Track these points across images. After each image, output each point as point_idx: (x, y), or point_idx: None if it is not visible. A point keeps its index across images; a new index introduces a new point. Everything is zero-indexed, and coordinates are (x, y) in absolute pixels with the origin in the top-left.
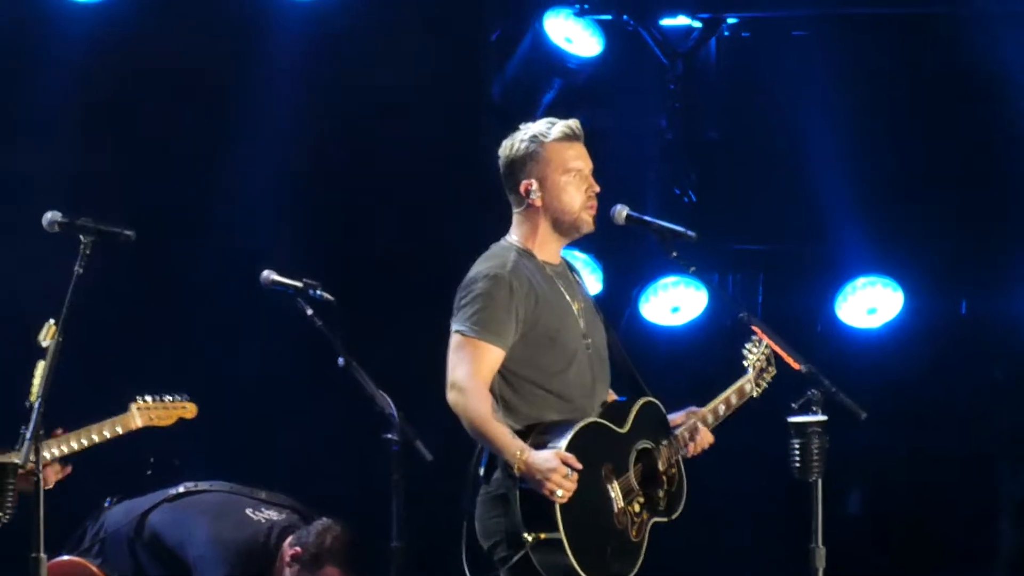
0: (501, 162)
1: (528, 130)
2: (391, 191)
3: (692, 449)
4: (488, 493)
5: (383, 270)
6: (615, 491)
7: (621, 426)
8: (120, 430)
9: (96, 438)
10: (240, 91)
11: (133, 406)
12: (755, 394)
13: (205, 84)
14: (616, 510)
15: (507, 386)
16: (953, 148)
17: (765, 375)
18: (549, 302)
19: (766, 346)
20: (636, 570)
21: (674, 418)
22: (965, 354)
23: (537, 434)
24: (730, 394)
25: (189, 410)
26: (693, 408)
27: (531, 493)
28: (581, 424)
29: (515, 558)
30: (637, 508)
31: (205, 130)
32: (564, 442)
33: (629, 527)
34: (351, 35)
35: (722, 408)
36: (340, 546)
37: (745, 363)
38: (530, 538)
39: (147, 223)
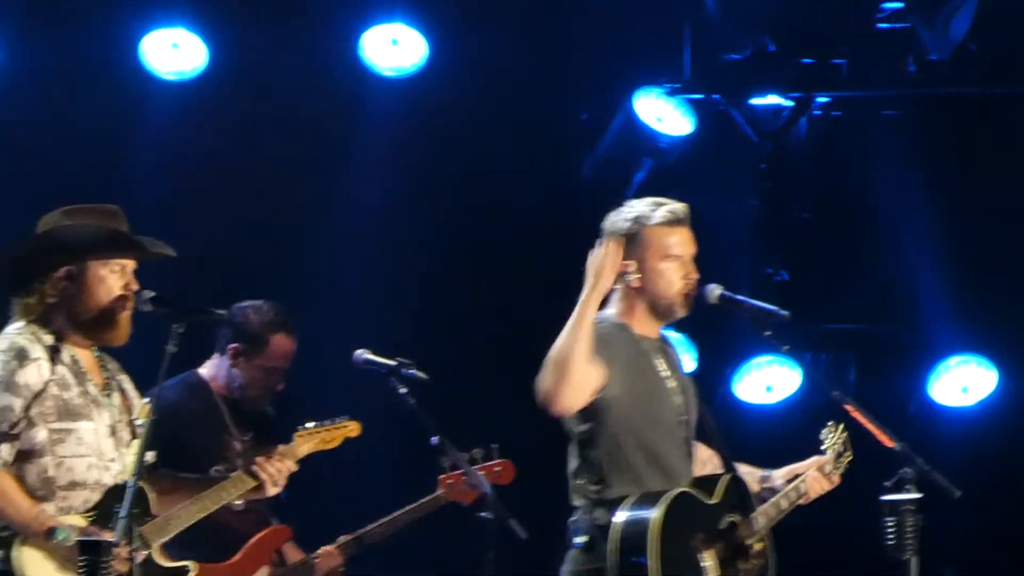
0: (604, 237)
1: (632, 210)
2: (485, 269)
3: (812, 493)
4: (584, 566)
5: (477, 349)
6: (706, 561)
7: (710, 498)
8: (291, 463)
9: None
10: (337, 168)
11: (296, 435)
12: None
13: (302, 159)
14: None
15: (607, 456)
16: None
17: (843, 459)
18: (642, 374)
19: (843, 430)
20: None
21: (797, 467)
22: None
23: (633, 503)
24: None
25: (353, 428)
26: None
27: (631, 568)
28: (674, 493)
29: None
30: None
31: (301, 207)
32: (658, 511)
33: None
34: (445, 113)
35: (798, 489)
36: (272, 315)
37: (823, 447)
38: None
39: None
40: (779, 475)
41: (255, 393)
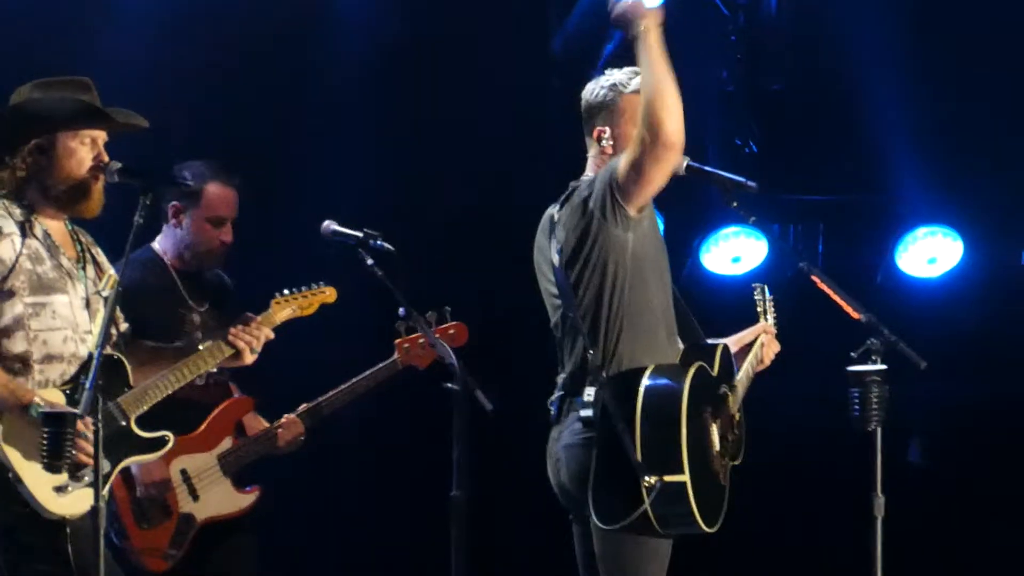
0: (582, 105)
1: (611, 77)
2: (454, 143)
3: (767, 359)
4: (587, 435)
5: (448, 224)
6: (714, 434)
7: (712, 369)
8: (268, 330)
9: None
10: (306, 41)
11: (272, 303)
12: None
13: (272, 31)
14: (714, 454)
15: (627, 317)
16: (1017, 96)
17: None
18: (654, 229)
19: (768, 291)
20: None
21: (743, 335)
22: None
23: (653, 373)
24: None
25: (329, 294)
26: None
27: (659, 439)
28: (696, 365)
29: (631, 505)
30: (722, 451)
31: (270, 80)
32: (685, 383)
33: (720, 472)
34: None
35: (757, 356)
36: (203, 166)
37: (759, 310)
38: (652, 481)
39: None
40: (731, 343)
41: (204, 248)
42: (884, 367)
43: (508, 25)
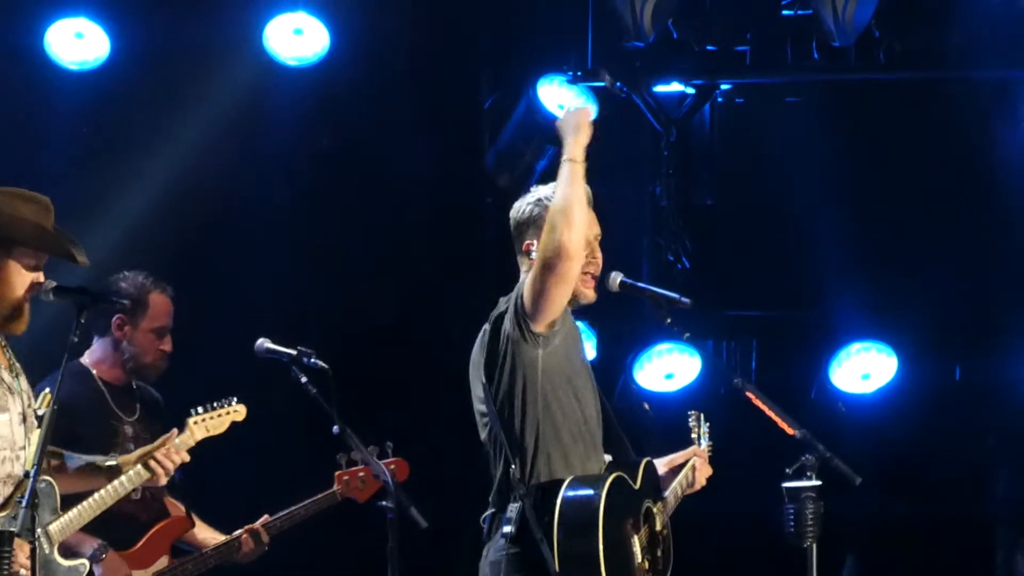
0: (511, 222)
1: (536, 193)
2: (390, 259)
3: (698, 484)
4: (509, 551)
5: (379, 339)
6: (636, 546)
7: (635, 482)
8: (184, 454)
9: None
10: (240, 159)
11: (189, 421)
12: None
13: (204, 150)
14: (636, 566)
15: (539, 433)
16: (948, 214)
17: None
18: (575, 346)
19: (705, 418)
20: None
21: (675, 457)
22: (959, 420)
23: (570, 485)
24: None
25: (239, 412)
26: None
27: (576, 551)
28: (613, 476)
29: None
30: (647, 566)
31: (204, 197)
32: (602, 493)
33: None
34: (348, 100)
35: (688, 478)
36: (142, 277)
37: (694, 435)
38: None
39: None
40: (661, 464)
41: (149, 359)
42: (819, 483)
43: (441, 139)
